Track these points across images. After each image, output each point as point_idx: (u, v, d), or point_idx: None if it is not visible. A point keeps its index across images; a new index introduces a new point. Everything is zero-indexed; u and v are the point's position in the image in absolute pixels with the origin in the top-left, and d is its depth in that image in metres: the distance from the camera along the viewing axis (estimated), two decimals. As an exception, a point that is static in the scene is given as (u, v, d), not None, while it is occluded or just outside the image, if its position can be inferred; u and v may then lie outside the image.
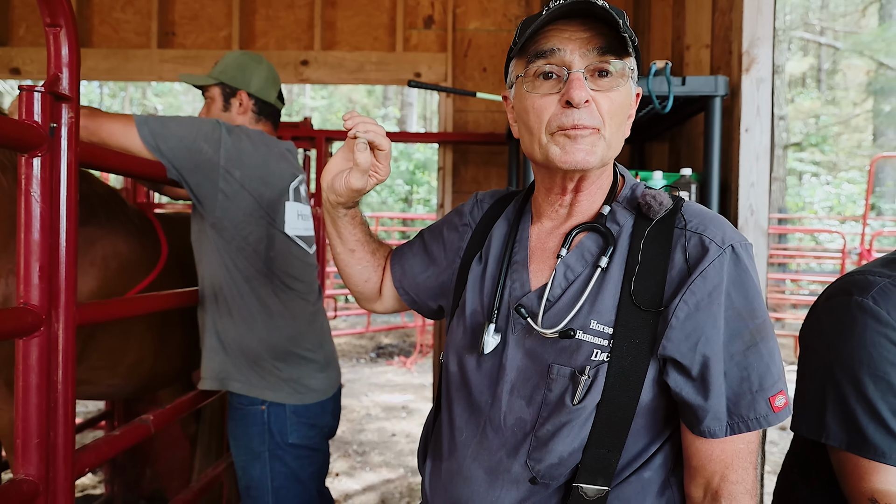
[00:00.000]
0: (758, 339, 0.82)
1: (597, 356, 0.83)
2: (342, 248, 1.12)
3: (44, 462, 1.10)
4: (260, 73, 1.84)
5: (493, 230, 1.03)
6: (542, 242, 0.95)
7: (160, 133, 1.58)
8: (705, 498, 0.85)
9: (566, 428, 0.84)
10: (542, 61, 0.83)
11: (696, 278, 0.81)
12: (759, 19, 1.71)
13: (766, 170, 1.70)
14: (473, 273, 1.00)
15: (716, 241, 0.83)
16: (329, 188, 1.00)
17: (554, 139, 0.84)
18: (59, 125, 1.11)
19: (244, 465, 1.75)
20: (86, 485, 3.30)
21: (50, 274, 1.10)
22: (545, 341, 0.87)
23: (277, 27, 3.17)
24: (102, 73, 3.11)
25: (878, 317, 0.96)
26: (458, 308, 1.01)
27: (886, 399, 0.93)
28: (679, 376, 0.82)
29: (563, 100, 0.82)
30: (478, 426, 0.92)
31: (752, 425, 0.81)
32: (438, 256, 1.11)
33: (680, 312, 0.81)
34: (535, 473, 0.87)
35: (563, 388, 0.84)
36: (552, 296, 0.89)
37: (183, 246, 2.05)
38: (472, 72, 3.11)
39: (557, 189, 0.92)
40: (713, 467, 0.83)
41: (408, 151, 14.72)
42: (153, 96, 16.80)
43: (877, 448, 0.92)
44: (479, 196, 1.12)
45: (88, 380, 1.86)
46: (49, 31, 1.09)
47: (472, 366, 0.94)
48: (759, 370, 0.81)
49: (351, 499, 3.38)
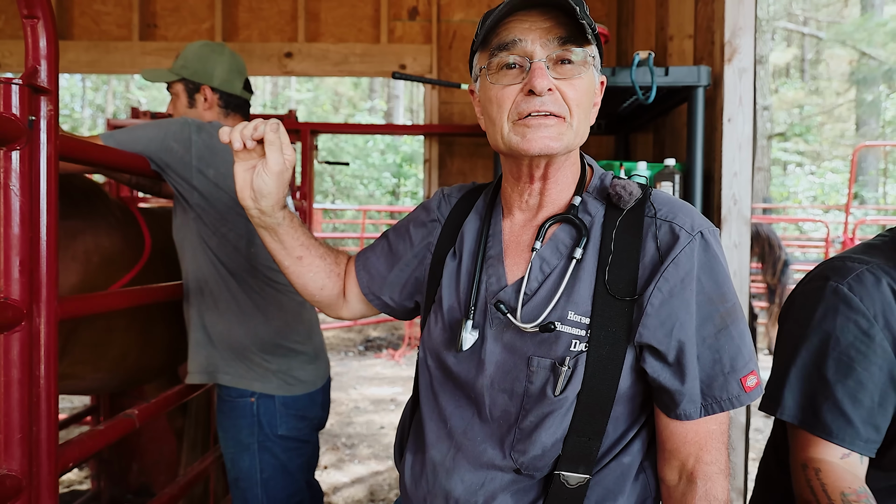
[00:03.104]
0: (728, 323, 0.84)
1: (575, 346, 0.84)
2: (289, 259, 1.09)
3: (27, 457, 1.09)
4: (222, 64, 1.78)
5: (464, 225, 1.02)
6: (516, 236, 0.95)
7: (128, 142, 1.57)
8: (680, 480, 0.86)
9: (549, 419, 0.85)
10: (505, 53, 0.84)
11: (668, 265, 0.83)
12: (741, 9, 1.72)
13: (748, 159, 1.72)
14: (448, 269, 1.00)
15: (685, 229, 0.84)
16: (253, 197, 0.99)
17: (515, 127, 0.84)
18: (37, 118, 1.09)
19: (233, 457, 1.75)
20: (72, 480, 3.28)
21: (30, 268, 1.09)
22: (524, 334, 0.87)
23: (261, 19, 3.15)
24: (83, 65, 3.07)
25: (850, 303, 0.98)
26: (434, 304, 1.00)
27: (845, 383, 0.95)
28: (656, 362, 0.84)
29: (526, 89, 0.83)
30: (463, 418, 0.93)
31: (725, 406, 0.84)
32: (406, 254, 1.09)
33: (654, 300, 0.83)
34: (518, 465, 0.88)
35: (545, 380, 0.85)
36: (529, 289, 0.89)
37: (167, 240, 2.04)
38: (457, 63, 3.10)
39: (525, 178, 0.92)
40: (688, 449, 0.85)
41: (395, 144, 14.68)
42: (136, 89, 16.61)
43: (827, 427, 0.95)
44: (446, 191, 1.10)
45: (73, 374, 1.85)
46: (26, 23, 1.08)
47: (451, 361, 0.94)
48: (731, 352, 0.84)
49: (339, 491, 3.39)
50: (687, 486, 0.85)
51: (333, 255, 1.15)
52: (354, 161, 14.38)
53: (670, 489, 0.88)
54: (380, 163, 14.71)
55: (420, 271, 1.07)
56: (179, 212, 1.73)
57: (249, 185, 0.98)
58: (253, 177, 0.98)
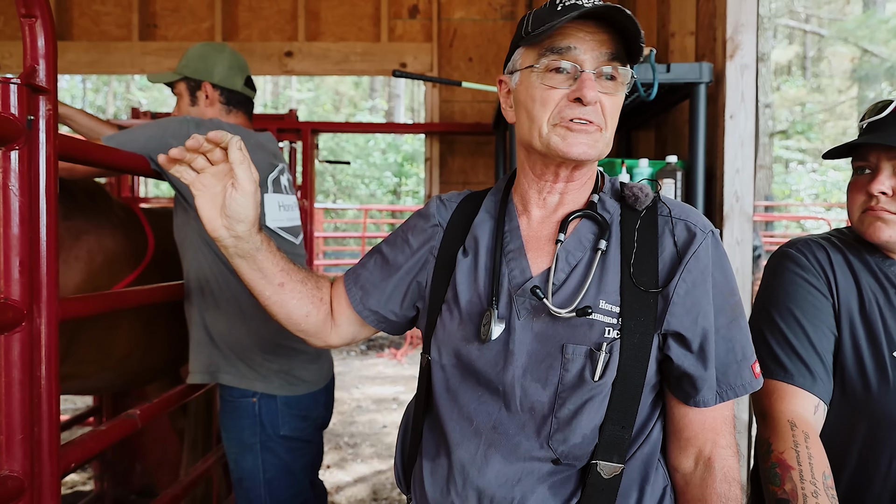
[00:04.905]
0: (738, 314, 0.91)
1: (608, 333, 0.87)
2: (270, 287, 1.02)
3: (28, 458, 1.09)
4: (222, 61, 1.79)
5: (475, 225, 1.01)
6: (535, 232, 0.97)
7: (127, 141, 1.57)
8: (697, 466, 0.91)
9: (588, 405, 0.87)
10: (556, 56, 0.86)
11: (690, 258, 0.89)
12: (743, 6, 1.71)
13: (750, 156, 1.71)
14: (463, 266, 0.99)
15: (699, 227, 0.91)
16: (227, 225, 0.93)
17: (555, 129, 0.87)
18: (36, 118, 1.09)
19: (236, 458, 1.74)
20: (75, 481, 3.28)
21: (30, 268, 1.09)
22: (556, 322, 0.89)
23: (261, 18, 3.14)
24: (83, 66, 3.07)
25: (797, 261, 1.12)
26: (446, 302, 0.99)
27: (794, 329, 1.07)
28: (680, 349, 0.89)
29: (574, 96, 0.86)
30: (489, 413, 0.92)
31: (738, 391, 0.90)
32: (406, 262, 1.05)
33: (680, 290, 0.88)
34: (558, 455, 0.89)
35: (581, 367, 0.87)
36: (557, 279, 0.91)
37: (169, 240, 2.04)
38: (457, 61, 3.10)
39: (550, 176, 0.94)
40: (705, 436, 0.91)
41: (396, 143, 14.68)
42: (137, 90, 16.63)
43: (786, 369, 1.05)
44: (444, 197, 1.10)
45: (78, 374, 1.85)
46: (24, 23, 1.08)
47: (474, 355, 0.93)
48: (741, 341, 0.91)
49: (342, 490, 3.39)
50: (705, 471, 0.90)
51: (313, 278, 1.09)
52: (356, 160, 14.38)
53: (686, 476, 0.92)
54: (381, 162, 14.71)
55: (423, 276, 1.05)
56: (180, 211, 1.73)
57: (219, 213, 0.93)
58: (224, 201, 0.92)
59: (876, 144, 1.06)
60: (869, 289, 1.09)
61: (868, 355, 1.05)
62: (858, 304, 1.08)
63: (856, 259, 1.12)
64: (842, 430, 1.08)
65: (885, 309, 1.07)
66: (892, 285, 1.08)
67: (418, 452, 1.02)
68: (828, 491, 0.90)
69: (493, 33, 3.10)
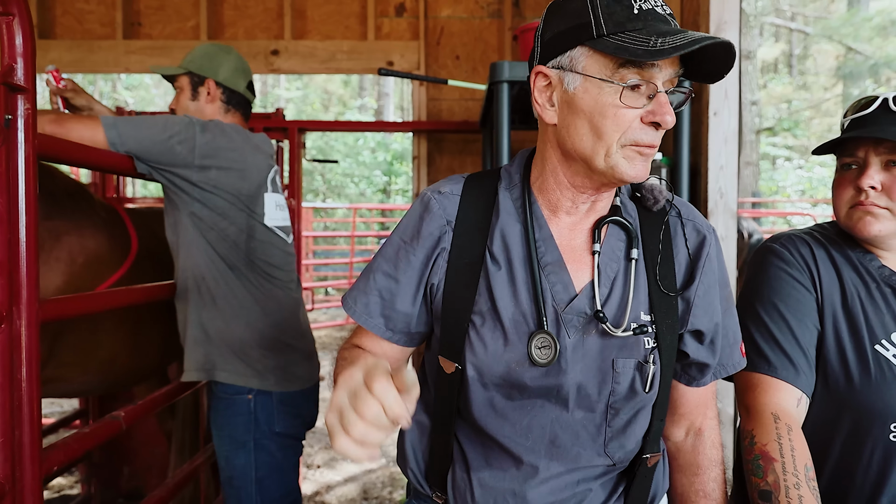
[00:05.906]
0: (731, 303, 1.00)
1: (649, 344, 0.91)
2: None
3: (10, 462, 1.08)
4: (228, 63, 1.83)
5: (497, 228, 0.93)
6: (568, 240, 0.93)
7: (131, 135, 1.57)
8: (688, 436, 1.03)
9: (640, 414, 0.94)
10: (635, 70, 0.79)
11: (705, 261, 0.95)
12: (726, 3, 1.72)
13: (734, 152, 1.72)
14: (498, 279, 0.91)
15: (704, 227, 0.97)
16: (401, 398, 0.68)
17: (623, 151, 0.82)
18: (14, 117, 1.08)
19: (227, 455, 1.74)
20: (62, 485, 3.25)
21: (10, 270, 1.08)
22: (606, 339, 0.89)
23: (246, 16, 3.13)
24: (67, 65, 3.04)
25: (781, 255, 1.14)
26: (478, 315, 0.91)
27: (778, 323, 1.09)
28: (696, 343, 0.96)
29: (651, 119, 0.80)
30: (543, 427, 0.92)
31: (730, 370, 1.00)
32: (416, 268, 0.95)
33: (700, 292, 0.94)
34: (615, 461, 0.95)
35: (631, 379, 0.90)
36: (601, 295, 0.90)
37: (154, 241, 2.02)
38: (444, 60, 3.09)
39: (591, 190, 0.89)
40: (698, 410, 1.02)
41: (385, 142, 14.65)
42: (123, 90, 16.48)
43: (770, 362, 1.06)
44: (442, 190, 0.96)
45: (61, 377, 1.83)
46: (1, 20, 1.06)
47: (526, 377, 0.89)
48: (732, 327, 0.99)
49: (332, 490, 3.38)
50: (696, 439, 1.02)
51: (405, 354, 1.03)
52: (345, 159, 14.33)
53: (678, 444, 1.04)
54: (370, 161, 14.66)
55: (436, 277, 0.95)
56: (172, 210, 1.73)
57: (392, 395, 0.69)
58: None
59: (864, 139, 1.06)
60: (851, 283, 1.10)
61: (850, 349, 1.07)
62: (841, 298, 1.10)
63: (838, 254, 1.13)
64: (824, 423, 1.09)
65: (867, 303, 1.08)
66: (873, 280, 1.10)
67: (451, 459, 0.99)
68: (809, 483, 0.91)
69: (480, 31, 3.10)
